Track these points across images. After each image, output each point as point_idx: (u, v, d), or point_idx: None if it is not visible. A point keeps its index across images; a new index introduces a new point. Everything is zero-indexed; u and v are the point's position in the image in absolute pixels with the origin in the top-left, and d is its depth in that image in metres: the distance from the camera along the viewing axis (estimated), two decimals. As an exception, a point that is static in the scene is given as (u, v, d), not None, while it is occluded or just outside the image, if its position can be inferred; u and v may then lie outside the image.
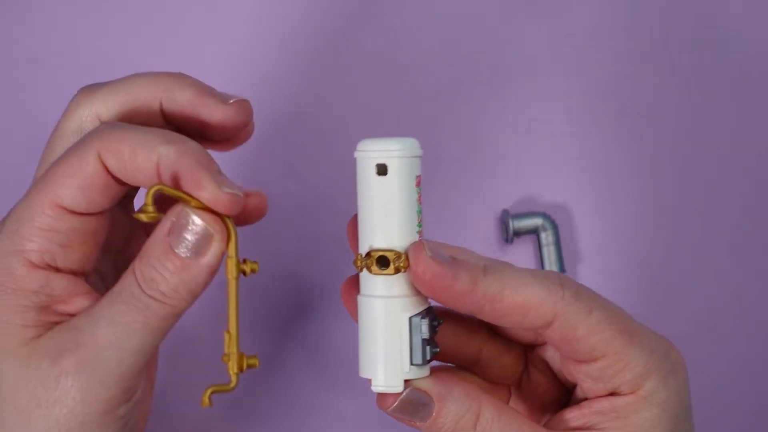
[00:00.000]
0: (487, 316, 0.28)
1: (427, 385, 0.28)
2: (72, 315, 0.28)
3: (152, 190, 0.25)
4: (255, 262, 0.28)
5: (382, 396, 0.28)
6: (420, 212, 0.28)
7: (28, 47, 0.43)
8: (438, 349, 0.28)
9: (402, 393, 0.28)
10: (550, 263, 0.43)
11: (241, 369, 0.27)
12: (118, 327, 0.26)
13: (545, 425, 0.30)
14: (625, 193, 0.45)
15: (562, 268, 0.43)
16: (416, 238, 0.28)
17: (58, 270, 0.27)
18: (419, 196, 0.28)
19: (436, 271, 0.26)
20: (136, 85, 0.29)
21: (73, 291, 0.28)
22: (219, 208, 0.26)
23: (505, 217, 0.43)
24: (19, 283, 0.27)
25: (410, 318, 0.27)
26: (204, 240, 0.26)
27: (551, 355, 0.32)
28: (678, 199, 0.45)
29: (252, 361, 0.28)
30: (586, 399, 0.29)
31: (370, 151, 0.27)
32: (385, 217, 0.27)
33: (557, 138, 0.44)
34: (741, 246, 0.45)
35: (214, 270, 0.27)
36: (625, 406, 0.28)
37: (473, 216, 0.44)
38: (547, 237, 0.43)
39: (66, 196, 0.27)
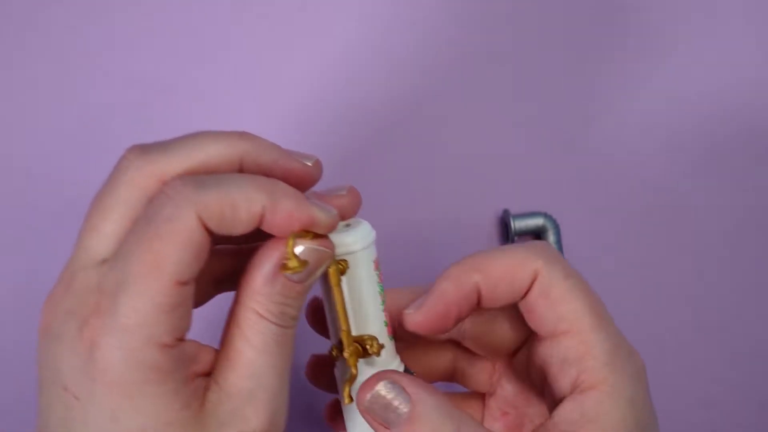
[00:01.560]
0: (482, 296, 0.29)
1: (406, 381, 0.28)
2: (201, 372, 0.27)
3: (291, 243, 0.26)
4: (344, 260, 0.29)
5: (360, 392, 0.28)
6: (382, 290, 0.30)
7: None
8: None
9: (377, 385, 0.28)
10: (551, 263, 0.43)
11: (360, 356, 0.30)
12: (278, 371, 0.27)
13: None
14: (626, 193, 0.45)
15: (562, 268, 0.43)
16: (383, 318, 0.30)
17: (181, 339, 0.27)
18: (380, 276, 0.30)
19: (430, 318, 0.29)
20: (211, 147, 0.28)
21: (197, 347, 0.27)
22: (326, 231, 0.28)
23: (506, 217, 0.43)
24: (158, 372, 0.25)
25: None
26: (318, 265, 0.28)
27: (523, 363, 0.32)
28: (678, 200, 0.45)
29: (374, 349, 0.29)
30: (557, 408, 0.29)
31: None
32: (353, 310, 0.30)
33: (558, 137, 0.45)
34: (741, 246, 0.45)
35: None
36: (593, 407, 0.27)
37: (473, 216, 0.44)
38: (548, 237, 0.43)
39: (183, 272, 0.26)
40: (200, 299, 0.32)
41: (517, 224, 0.43)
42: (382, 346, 0.29)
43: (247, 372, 0.27)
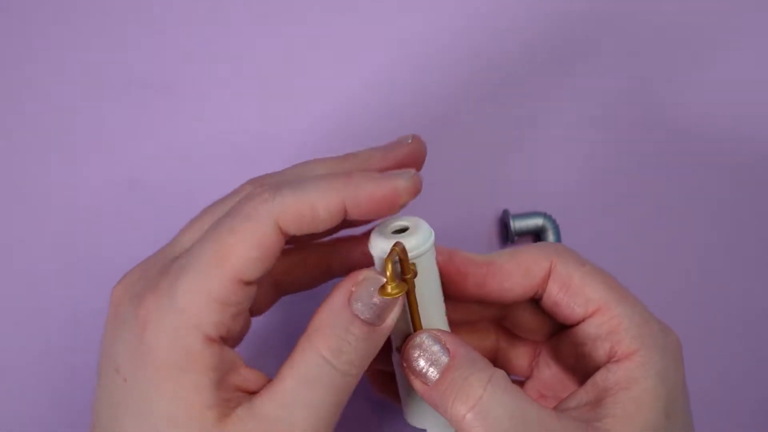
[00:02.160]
0: (493, 288, 0.29)
1: (444, 335, 0.28)
2: (242, 388, 0.27)
3: (390, 266, 0.26)
4: (413, 264, 0.28)
5: (404, 346, 0.28)
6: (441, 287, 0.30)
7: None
8: None
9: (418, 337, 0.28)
10: (551, 263, 0.43)
11: None
12: (315, 411, 0.26)
13: (555, 408, 0.30)
14: (627, 193, 0.45)
15: (562, 268, 0.43)
16: (444, 310, 0.30)
17: (226, 341, 0.27)
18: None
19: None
20: (317, 192, 0.27)
21: (237, 361, 0.27)
22: (412, 196, 0.28)
23: (505, 217, 0.43)
24: (197, 361, 0.26)
25: None
26: (389, 305, 0.27)
27: (559, 346, 0.33)
28: (679, 199, 0.45)
29: None
30: (590, 377, 0.30)
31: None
32: (422, 310, 0.29)
33: (558, 137, 0.44)
34: (741, 246, 0.45)
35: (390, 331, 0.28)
36: (625, 376, 0.28)
37: (473, 216, 0.44)
38: (548, 237, 0.43)
39: (247, 271, 0.26)
40: (261, 304, 0.32)
41: (517, 224, 0.43)
42: None
43: (281, 400, 0.26)
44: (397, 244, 0.27)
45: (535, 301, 0.32)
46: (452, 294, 0.30)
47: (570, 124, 0.45)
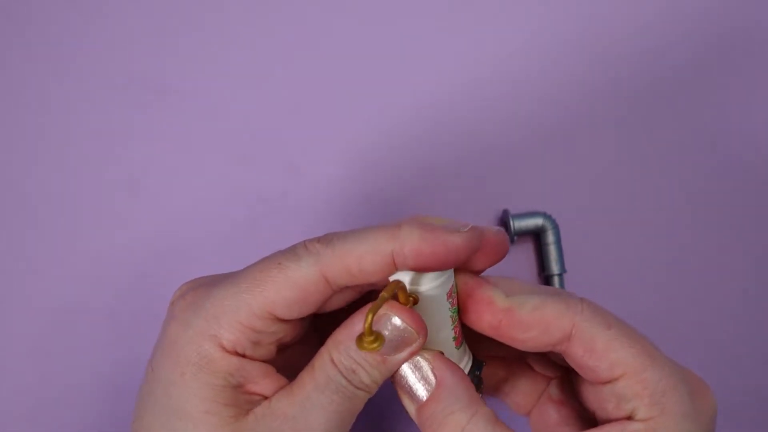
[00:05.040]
0: (508, 336, 0.28)
1: (436, 360, 0.28)
2: (262, 395, 0.28)
3: (369, 319, 0.26)
4: (414, 295, 0.28)
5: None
6: (456, 311, 0.30)
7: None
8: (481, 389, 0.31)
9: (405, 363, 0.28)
10: (551, 263, 0.43)
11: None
12: (331, 415, 0.27)
13: None
14: (627, 193, 0.45)
15: (562, 268, 0.43)
16: (451, 336, 0.30)
17: (246, 357, 0.28)
18: (453, 302, 0.29)
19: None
20: (364, 245, 0.27)
21: (264, 373, 0.28)
22: (468, 253, 0.27)
23: (505, 217, 0.43)
24: (214, 365, 0.27)
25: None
26: (404, 341, 0.27)
27: (571, 390, 0.32)
28: (680, 199, 0.45)
29: None
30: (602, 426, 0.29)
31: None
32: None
33: (559, 137, 0.44)
34: (742, 246, 0.45)
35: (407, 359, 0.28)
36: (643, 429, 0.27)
37: (473, 216, 0.44)
38: (547, 237, 0.43)
39: (280, 307, 0.27)
40: (296, 337, 0.31)
41: (517, 224, 0.43)
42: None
43: (299, 400, 0.27)
44: (396, 283, 0.27)
45: None
46: (469, 324, 0.30)
47: (570, 124, 0.45)
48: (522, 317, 0.28)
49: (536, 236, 0.44)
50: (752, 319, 0.45)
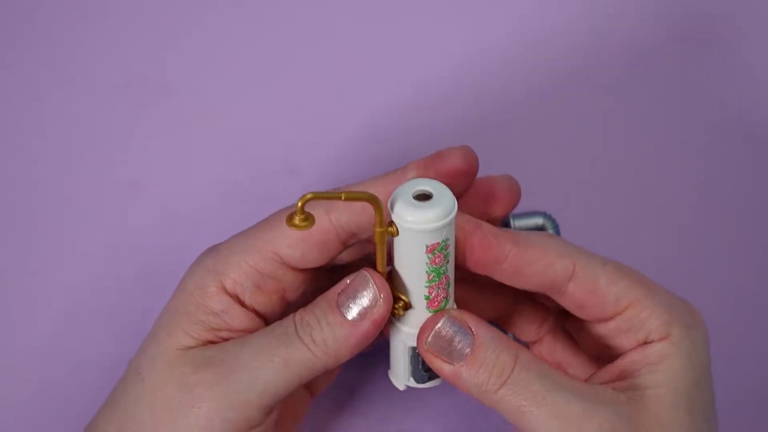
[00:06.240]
0: (515, 265, 0.29)
1: (464, 316, 0.28)
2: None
3: (305, 198, 0.26)
4: (393, 225, 0.28)
5: (420, 334, 0.28)
6: (438, 272, 0.29)
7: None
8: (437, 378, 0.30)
9: (440, 321, 0.28)
10: (551, 263, 0.43)
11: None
12: (261, 356, 0.27)
13: None
14: (627, 192, 0.45)
15: (562, 268, 0.43)
16: (424, 293, 0.29)
17: (243, 304, 0.29)
18: (434, 259, 0.28)
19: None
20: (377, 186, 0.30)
21: (248, 327, 0.29)
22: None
23: (505, 217, 0.43)
24: (205, 299, 0.28)
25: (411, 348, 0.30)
26: (369, 308, 0.28)
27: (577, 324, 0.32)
28: (680, 199, 0.45)
29: (396, 310, 0.29)
30: (622, 356, 0.30)
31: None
32: (399, 268, 0.29)
33: (558, 136, 0.45)
34: (742, 245, 0.45)
35: (367, 339, 0.28)
36: (656, 353, 0.29)
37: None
38: (547, 237, 0.43)
39: (283, 246, 0.28)
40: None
41: (517, 224, 0.43)
42: (405, 309, 0.29)
43: (244, 339, 0.28)
44: (372, 195, 0.26)
45: None
46: (473, 261, 0.30)
47: (570, 124, 0.45)
48: (528, 250, 0.29)
49: (536, 236, 0.44)
50: (752, 319, 0.45)
